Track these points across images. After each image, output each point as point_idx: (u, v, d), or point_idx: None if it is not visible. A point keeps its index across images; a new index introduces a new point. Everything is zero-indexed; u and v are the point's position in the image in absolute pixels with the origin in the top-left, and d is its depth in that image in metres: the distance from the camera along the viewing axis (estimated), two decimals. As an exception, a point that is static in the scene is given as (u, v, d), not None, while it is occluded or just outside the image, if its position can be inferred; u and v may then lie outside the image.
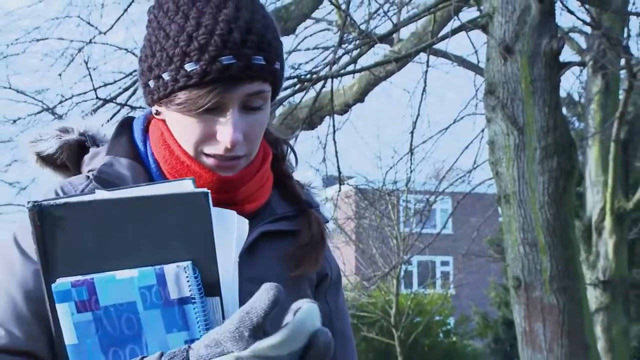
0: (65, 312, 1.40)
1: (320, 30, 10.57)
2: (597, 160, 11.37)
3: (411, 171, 9.78)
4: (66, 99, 8.87)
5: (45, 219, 1.39)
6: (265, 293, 1.35)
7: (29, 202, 1.38)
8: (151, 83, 1.61)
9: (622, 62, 10.05)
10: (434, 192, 11.45)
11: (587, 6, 8.66)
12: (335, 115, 8.34)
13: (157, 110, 1.67)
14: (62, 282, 1.39)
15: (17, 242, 1.59)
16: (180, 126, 1.61)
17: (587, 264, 10.72)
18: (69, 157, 1.76)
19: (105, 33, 9.09)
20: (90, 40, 9.15)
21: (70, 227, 1.40)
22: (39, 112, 9.52)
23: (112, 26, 9.11)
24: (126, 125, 1.75)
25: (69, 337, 1.41)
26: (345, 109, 9.38)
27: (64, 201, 1.40)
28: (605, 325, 10.70)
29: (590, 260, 10.90)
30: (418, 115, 8.71)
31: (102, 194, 1.42)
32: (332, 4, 8.93)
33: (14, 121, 9.84)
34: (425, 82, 8.32)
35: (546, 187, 5.84)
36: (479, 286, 24.85)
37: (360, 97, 9.43)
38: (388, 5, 8.91)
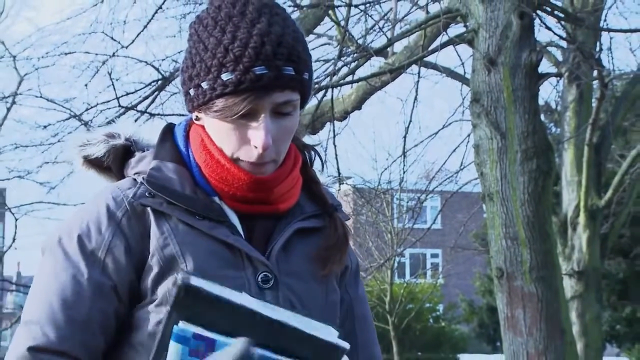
0: (176, 351, 1.35)
1: (322, 45, 10.53)
2: (572, 162, 11.36)
3: (404, 172, 9.78)
4: (92, 107, 8.86)
5: (190, 296, 1.35)
6: (234, 347, 1.34)
7: (181, 278, 1.35)
8: (191, 91, 1.60)
9: (595, 73, 10.04)
10: (425, 191, 11.43)
11: (563, 23, 8.65)
12: (335, 121, 8.34)
13: (197, 117, 1.66)
14: (185, 329, 1.35)
15: (61, 245, 1.58)
16: (218, 131, 1.60)
17: (563, 256, 10.72)
18: (114, 160, 1.74)
19: (127, 47, 9.10)
20: (114, 53, 9.15)
21: (209, 310, 1.36)
22: (67, 119, 9.52)
23: (133, 41, 9.12)
24: (169, 131, 1.73)
25: None
26: (344, 115, 9.37)
27: (215, 295, 1.36)
28: (579, 312, 10.69)
29: (566, 252, 10.90)
30: (410, 121, 8.71)
31: (247, 300, 1.39)
32: (332, 20, 8.93)
33: (45, 127, 9.85)
34: (416, 91, 8.32)
35: (526, 187, 5.84)
36: (465, 276, 24.87)
37: (357, 105, 9.41)
38: (383, 22, 8.91)
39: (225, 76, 1.54)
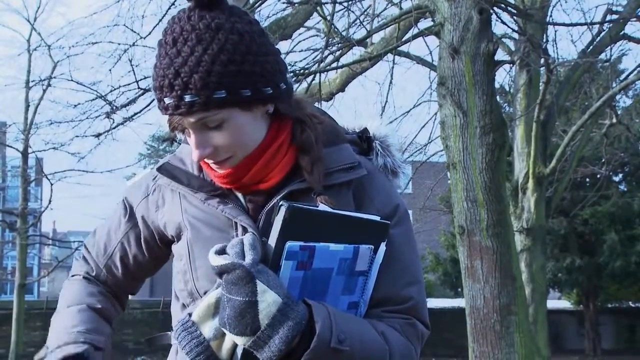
0: (287, 268, 1.39)
1: (311, 36, 10.47)
2: (522, 136, 11.38)
3: (381, 144, 9.74)
4: (115, 89, 8.82)
5: (293, 214, 1.39)
6: (231, 247, 1.42)
7: (286, 203, 1.39)
8: None
9: (542, 61, 10.04)
10: (398, 161, 11.41)
11: (515, 18, 8.61)
12: (323, 102, 8.31)
13: None
14: (293, 244, 1.38)
15: (121, 202, 1.82)
16: None
17: (514, 216, 10.77)
18: None
19: (145, 38, 9.03)
20: (134, 43, 9.09)
21: (305, 219, 1.40)
22: (94, 99, 9.50)
23: (150, 32, 9.04)
24: None
25: None
26: (330, 96, 9.34)
27: (309, 209, 1.42)
28: (528, 262, 10.77)
29: (517, 212, 10.95)
30: (386, 101, 8.70)
31: (324, 207, 1.46)
32: (320, 15, 8.87)
33: (75, 106, 9.82)
34: (391, 76, 8.30)
35: (484, 157, 5.84)
36: (432, 233, 24.94)
37: (341, 88, 9.39)
38: (363, 17, 8.87)
39: (157, 102, 1.53)
